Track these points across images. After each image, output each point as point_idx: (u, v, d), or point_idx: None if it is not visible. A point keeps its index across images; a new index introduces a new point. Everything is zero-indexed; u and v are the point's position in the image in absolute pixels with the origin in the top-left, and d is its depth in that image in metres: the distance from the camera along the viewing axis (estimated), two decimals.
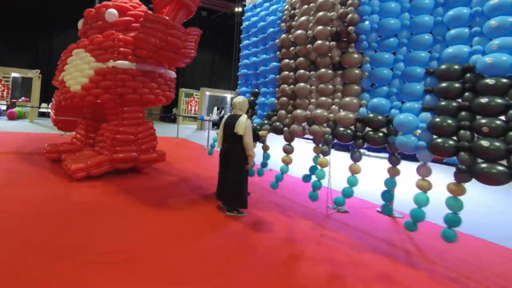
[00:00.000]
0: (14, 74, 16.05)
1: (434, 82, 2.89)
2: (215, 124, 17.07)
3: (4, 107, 15.35)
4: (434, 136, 2.77)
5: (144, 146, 5.62)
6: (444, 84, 2.77)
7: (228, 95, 20.11)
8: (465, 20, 2.78)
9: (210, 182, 5.39)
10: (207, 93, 18.70)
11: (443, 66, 2.81)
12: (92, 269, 2.51)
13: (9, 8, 17.15)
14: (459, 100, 2.71)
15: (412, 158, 2.90)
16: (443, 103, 2.75)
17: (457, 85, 2.71)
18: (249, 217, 3.90)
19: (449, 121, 2.67)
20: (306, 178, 3.95)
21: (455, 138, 2.66)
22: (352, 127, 3.31)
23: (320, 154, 3.65)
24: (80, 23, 6.31)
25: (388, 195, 3.33)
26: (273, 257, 2.93)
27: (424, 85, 2.97)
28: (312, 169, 3.89)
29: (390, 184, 3.29)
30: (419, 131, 2.86)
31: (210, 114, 18.53)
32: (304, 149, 6.51)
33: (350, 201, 4.30)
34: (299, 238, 3.37)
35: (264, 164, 4.67)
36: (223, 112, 18.83)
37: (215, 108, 18.77)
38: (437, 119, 2.73)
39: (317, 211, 4.25)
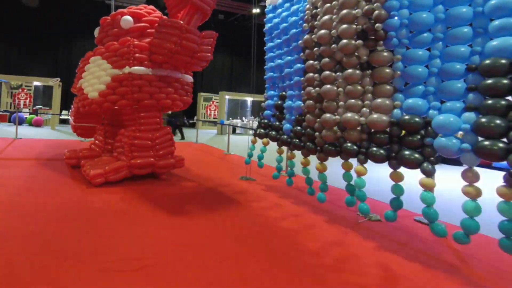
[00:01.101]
0: (35, 83, 16.15)
1: (477, 79, 2.53)
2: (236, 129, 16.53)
3: (27, 115, 15.42)
4: (480, 138, 2.42)
5: (161, 152, 5.38)
6: (490, 81, 2.41)
7: (249, 99, 19.25)
8: (511, 9, 2.41)
9: (230, 188, 5.11)
10: (227, 97, 17.94)
11: (488, 61, 2.45)
12: (109, 275, 2.36)
13: (29, 20, 17.29)
14: (509, 97, 2.36)
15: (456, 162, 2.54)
16: (489, 101, 2.40)
17: (505, 81, 2.35)
18: (269, 224, 3.60)
19: (498, 121, 2.31)
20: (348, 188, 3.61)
21: (505, 140, 2.31)
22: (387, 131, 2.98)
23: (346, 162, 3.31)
24: (96, 31, 6.17)
25: (429, 212, 2.85)
26: (297, 267, 2.63)
27: (466, 83, 2.61)
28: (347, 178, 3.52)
29: (427, 199, 2.84)
30: (461, 132, 2.50)
31: (230, 119, 17.84)
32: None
33: (383, 210, 3.88)
34: (325, 248, 3.04)
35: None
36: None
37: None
38: (483, 120, 2.38)
39: (345, 219, 3.89)
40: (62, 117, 15.66)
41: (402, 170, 3.06)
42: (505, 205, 2.31)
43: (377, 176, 5.07)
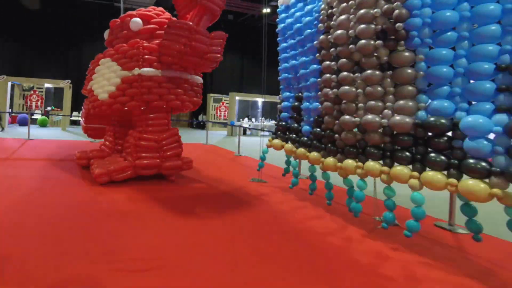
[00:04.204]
0: (47, 85, 16.09)
1: (508, 79, 2.31)
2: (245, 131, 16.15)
3: (39, 116, 15.35)
4: None
5: (168, 153, 5.22)
6: None
7: (259, 100, 18.63)
8: None
9: (241, 191, 4.93)
10: (237, 98, 17.43)
11: None
12: (118, 275, 2.29)
13: (39, 23, 17.25)
14: None
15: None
16: None
17: None
18: (281, 227, 3.42)
19: None
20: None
21: None
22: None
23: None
24: (106, 33, 6.03)
25: (468, 209, 2.66)
26: (310, 270, 2.45)
27: (496, 83, 2.39)
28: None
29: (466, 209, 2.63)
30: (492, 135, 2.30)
31: (241, 120, 17.42)
32: None
33: (401, 213, 3.66)
34: (341, 252, 2.85)
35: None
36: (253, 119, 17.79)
37: (246, 118, 17.72)
38: None
39: (362, 223, 3.65)
40: (73, 118, 15.56)
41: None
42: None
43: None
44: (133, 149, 4.99)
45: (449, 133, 2.62)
